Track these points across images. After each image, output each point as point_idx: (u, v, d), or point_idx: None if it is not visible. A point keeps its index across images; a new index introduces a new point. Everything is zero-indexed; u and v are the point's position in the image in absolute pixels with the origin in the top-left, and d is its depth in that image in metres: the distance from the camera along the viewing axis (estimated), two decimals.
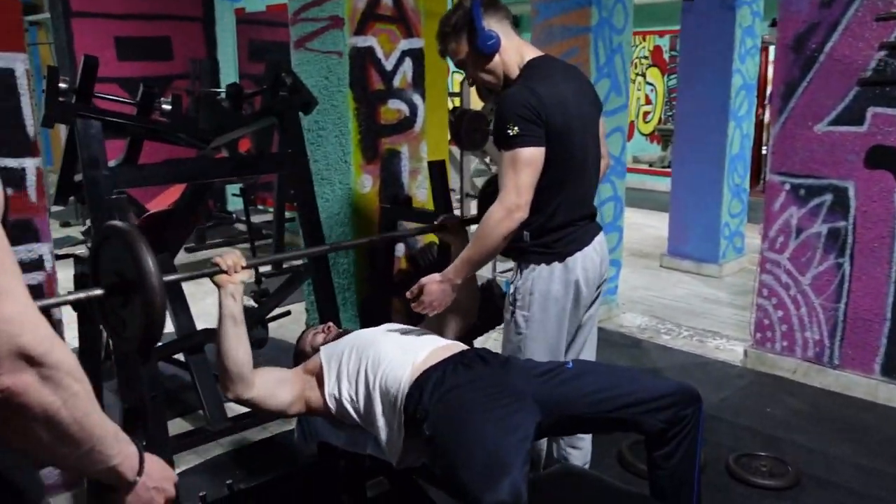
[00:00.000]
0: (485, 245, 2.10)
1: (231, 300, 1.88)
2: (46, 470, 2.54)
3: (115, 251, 1.68)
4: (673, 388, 1.88)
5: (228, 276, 1.89)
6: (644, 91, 11.65)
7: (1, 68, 2.33)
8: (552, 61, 2.26)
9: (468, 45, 2.20)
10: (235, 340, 1.88)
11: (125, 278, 1.64)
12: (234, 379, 1.91)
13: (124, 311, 1.69)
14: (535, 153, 2.07)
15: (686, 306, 5.00)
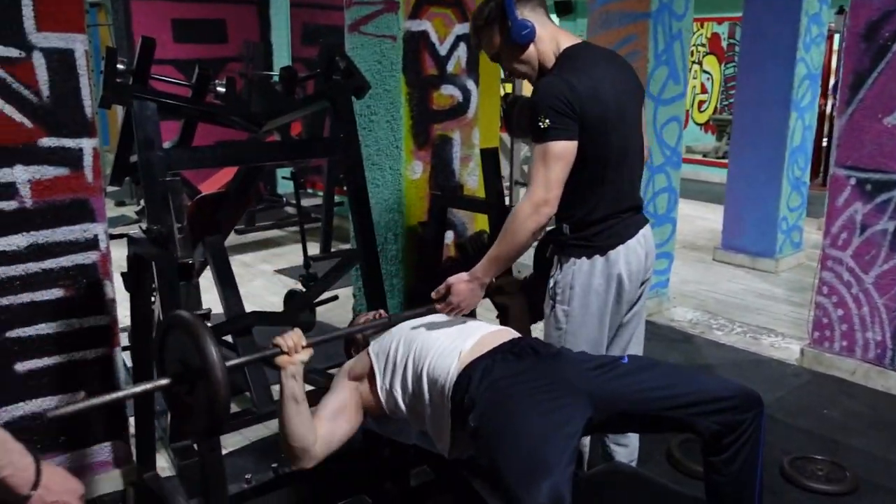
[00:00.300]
0: (512, 242, 2.05)
1: (292, 381, 1.83)
2: (97, 447, 2.59)
3: (179, 341, 1.68)
4: (733, 391, 1.80)
5: (289, 356, 1.84)
6: (700, 79, 11.40)
7: (61, 49, 2.35)
8: (590, 48, 2.18)
9: (502, 36, 2.13)
10: (298, 420, 1.85)
11: (190, 368, 1.65)
12: (299, 455, 1.90)
13: (189, 398, 1.69)
14: (566, 147, 2.00)
15: (740, 301, 4.87)
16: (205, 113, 2.76)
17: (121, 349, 2.62)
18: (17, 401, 2.40)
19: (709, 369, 3.78)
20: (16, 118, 2.29)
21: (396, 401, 2.00)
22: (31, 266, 2.37)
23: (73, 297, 2.46)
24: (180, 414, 1.75)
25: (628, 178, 2.19)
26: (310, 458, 1.92)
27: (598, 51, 2.20)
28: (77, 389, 2.52)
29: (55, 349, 2.45)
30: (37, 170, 2.35)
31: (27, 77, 2.30)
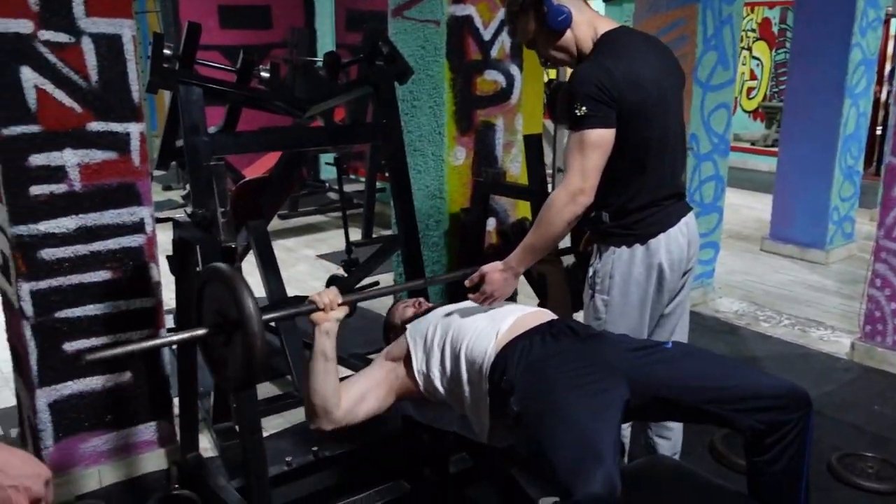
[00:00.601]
0: (547, 231, 2.01)
1: (325, 338, 1.85)
2: (142, 426, 2.64)
3: (217, 292, 1.70)
4: (780, 389, 1.74)
5: (325, 313, 1.86)
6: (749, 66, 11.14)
7: (109, 34, 2.38)
8: (628, 33, 2.12)
9: (537, 22, 2.07)
10: (324, 377, 1.86)
11: (227, 319, 1.66)
12: (318, 413, 1.90)
13: (226, 349, 1.71)
14: (603, 135, 1.96)
15: (788, 293, 4.75)
16: (249, 98, 2.78)
17: (166, 331, 2.66)
18: (66, 380, 2.45)
19: (755, 362, 3.70)
20: (66, 103, 2.33)
21: (434, 383, 1.99)
22: (79, 248, 2.41)
23: (120, 280, 2.50)
24: (216, 365, 1.77)
25: (670, 165, 2.14)
26: (330, 419, 1.91)
27: (637, 35, 2.14)
28: (123, 369, 2.56)
29: (102, 330, 2.49)
30: (85, 154, 2.39)
31: (77, 62, 2.33)
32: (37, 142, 2.30)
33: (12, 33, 2.22)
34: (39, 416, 2.43)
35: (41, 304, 2.37)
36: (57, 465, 2.49)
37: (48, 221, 2.34)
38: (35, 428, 2.45)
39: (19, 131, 2.27)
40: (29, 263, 2.33)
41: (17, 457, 0.99)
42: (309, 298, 1.87)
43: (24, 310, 2.35)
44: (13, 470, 0.96)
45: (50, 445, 2.47)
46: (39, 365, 2.40)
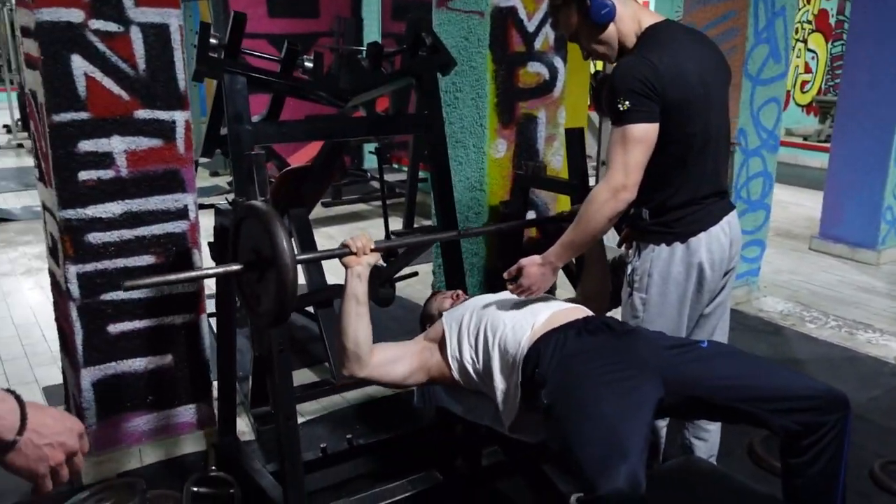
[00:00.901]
0: (588, 227, 1.99)
1: (357, 281, 1.89)
2: (182, 408, 2.70)
3: (253, 229, 1.74)
4: (816, 390, 1.71)
5: (357, 257, 1.90)
6: (804, 58, 10.86)
7: (157, 24, 2.42)
8: (673, 27, 2.08)
9: (580, 15, 2.04)
10: (356, 320, 1.90)
11: (261, 256, 1.70)
12: (350, 357, 1.93)
13: (259, 286, 1.75)
14: (646, 130, 1.93)
15: (835, 294, 4.64)
16: (292, 87, 2.80)
17: (206, 315, 2.71)
18: (109, 360, 2.52)
19: (798, 364, 3.62)
20: (114, 91, 2.38)
21: (467, 370, 2.01)
22: (124, 233, 2.47)
23: (163, 264, 2.55)
24: (249, 301, 1.82)
25: (712, 161, 2.10)
26: (361, 365, 1.95)
27: (681, 29, 2.10)
28: (165, 352, 2.62)
29: (145, 313, 2.55)
30: (132, 141, 2.44)
31: (125, 51, 2.38)
32: (86, 128, 2.36)
33: (64, 22, 2.27)
34: (84, 395, 2.50)
35: (87, 286, 2.44)
36: (99, 443, 2.56)
37: (95, 206, 2.41)
38: (79, 406, 2.53)
39: (69, 118, 2.33)
40: (76, 246, 2.40)
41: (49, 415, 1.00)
42: (343, 242, 1.92)
43: (70, 291, 2.42)
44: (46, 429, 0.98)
45: (93, 424, 2.54)
46: (84, 345, 2.47)
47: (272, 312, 1.72)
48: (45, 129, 2.34)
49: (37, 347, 3.62)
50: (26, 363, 3.48)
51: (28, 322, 3.94)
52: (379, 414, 3.05)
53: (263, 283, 1.73)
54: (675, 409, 1.81)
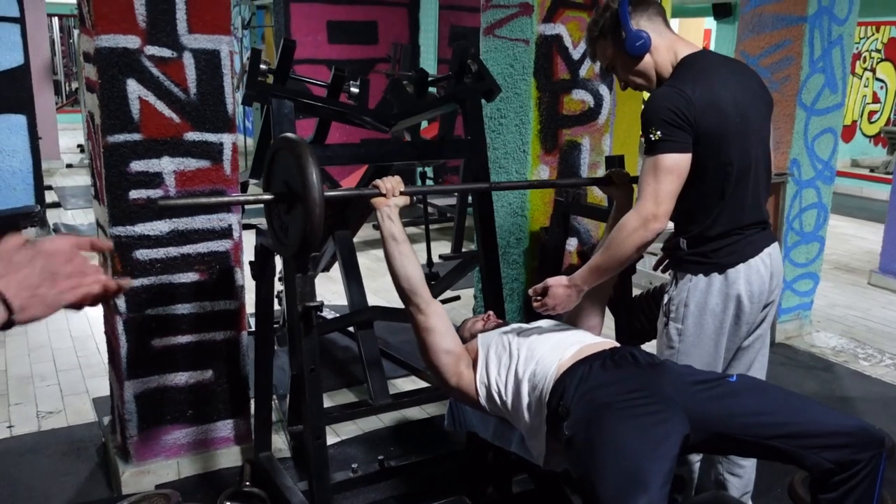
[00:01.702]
0: (616, 254, 1.97)
1: (388, 221, 1.96)
2: (220, 422, 2.76)
3: (285, 162, 1.81)
4: (850, 427, 1.66)
5: (385, 198, 1.96)
6: (872, 88, 10.56)
7: (209, 50, 2.52)
8: (709, 56, 2.06)
9: (616, 47, 2.06)
10: (400, 258, 1.95)
11: (291, 188, 1.78)
12: (408, 293, 1.97)
13: (287, 217, 1.83)
14: (678, 160, 1.91)
15: (893, 331, 4.47)
16: (337, 112, 2.87)
17: (247, 333, 2.77)
18: (152, 374, 2.60)
19: (848, 402, 3.50)
20: (166, 113, 2.49)
21: (494, 399, 2.00)
22: (171, 250, 2.56)
23: (207, 282, 2.63)
24: (277, 232, 1.89)
25: (752, 191, 2.06)
26: (422, 299, 1.97)
27: (717, 59, 2.08)
28: (206, 367, 2.69)
29: (188, 328, 2.63)
30: (181, 161, 2.53)
31: (178, 75, 2.49)
32: (138, 149, 2.46)
33: (121, 48, 2.39)
34: (126, 407, 2.59)
35: (133, 301, 2.53)
36: (140, 454, 2.64)
37: (144, 224, 2.50)
38: (122, 417, 2.61)
39: (122, 139, 2.44)
40: (125, 262, 2.49)
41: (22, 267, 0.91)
42: (373, 183, 1.97)
43: (117, 306, 2.51)
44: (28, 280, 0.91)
45: (134, 435, 2.62)
46: (129, 358, 2.55)
47: (296, 244, 1.79)
48: (100, 150, 2.45)
49: (91, 359, 3.76)
50: (80, 374, 3.62)
51: (84, 335, 4.09)
52: (413, 436, 3.06)
53: (292, 215, 1.80)
54: (703, 445, 1.77)
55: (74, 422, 3.18)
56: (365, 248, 5.88)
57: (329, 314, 4.09)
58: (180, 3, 2.44)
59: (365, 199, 2.05)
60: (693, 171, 1.96)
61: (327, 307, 4.33)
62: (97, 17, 2.33)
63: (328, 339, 4.00)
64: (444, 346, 2.02)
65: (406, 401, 3.15)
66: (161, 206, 1.73)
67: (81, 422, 3.17)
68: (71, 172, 9.29)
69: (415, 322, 2.01)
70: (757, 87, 2.10)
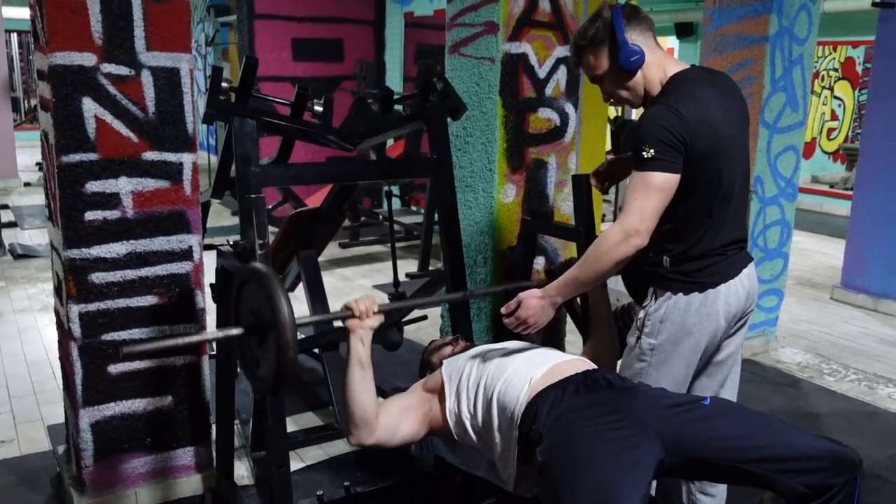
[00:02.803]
0: (594, 267, 1.96)
1: (360, 345, 1.87)
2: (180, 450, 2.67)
3: (254, 293, 1.73)
4: (824, 451, 1.65)
5: (359, 321, 1.88)
6: (830, 106, 10.79)
7: (168, 68, 2.46)
8: (699, 74, 2.06)
9: (608, 60, 2.04)
10: (361, 386, 1.87)
11: (261, 319, 1.69)
12: (357, 424, 1.90)
13: (259, 350, 1.74)
14: (668, 180, 1.91)
15: (857, 346, 4.52)
16: (300, 131, 2.82)
17: (208, 357, 2.70)
18: (109, 401, 2.51)
19: (815, 418, 3.52)
20: (123, 132, 2.42)
21: (464, 426, 1.97)
22: (128, 273, 2.48)
23: (166, 305, 2.56)
24: (249, 365, 1.80)
25: (734, 210, 2.06)
26: (369, 431, 1.91)
27: (707, 76, 2.06)
28: (165, 393, 2.61)
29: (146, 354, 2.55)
30: (139, 182, 2.46)
31: (135, 94, 2.42)
32: (94, 169, 2.39)
33: (77, 66, 2.32)
34: (81, 436, 2.50)
35: (89, 326, 2.44)
36: (96, 485, 2.54)
37: (100, 246, 2.42)
38: (77, 446, 2.52)
39: (78, 159, 2.36)
40: (79, 286, 2.41)
41: None
42: (345, 304, 1.89)
43: (72, 331, 2.42)
44: None
45: (90, 465, 2.53)
46: (84, 385, 2.47)
47: (270, 379, 1.70)
48: (55, 170, 2.37)
49: (46, 385, 3.64)
50: (34, 400, 3.50)
51: (40, 359, 3.96)
52: (380, 461, 3.00)
53: (264, 348, 1.72)
54: (676, 470, 1.75)
55: (28, 451, 3.06)
56: (330, 268, 5.82)
57: None
58: (138, 19, 2.38)
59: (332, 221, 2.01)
60: (682, 189, 1.95)
61: None
62: (51, 34, 2.27)
63: None
64: (408, 436, 2.01)
65: None
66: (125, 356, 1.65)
67: (35, 451, 3.05)
68: (29, 191, 9.08)
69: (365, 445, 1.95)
70: (740, 103, 2.11)
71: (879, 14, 4.98)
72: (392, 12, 7.96)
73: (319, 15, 7.66)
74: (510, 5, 3.02)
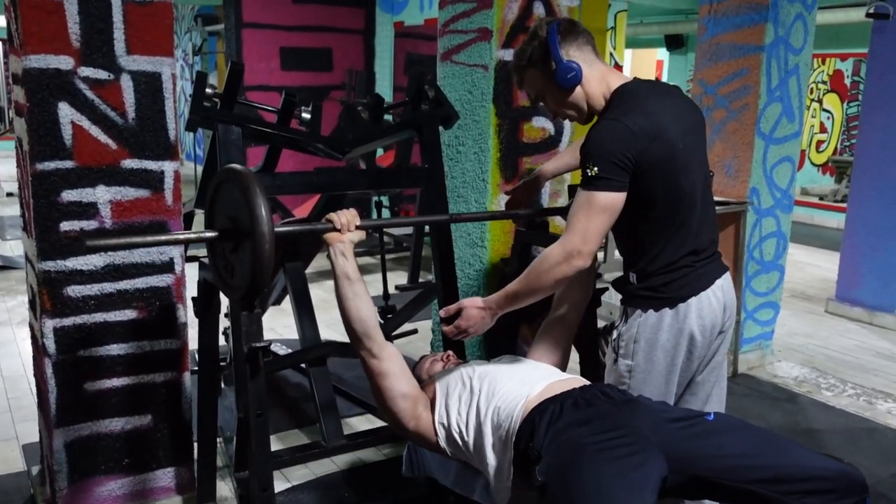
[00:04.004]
0: (534, 284, 1.91)
1: (342, 258, 1.83)
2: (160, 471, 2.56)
3: (231, 195, 1.68)
4: (832, 471, 1.58)
5: (339, 234, 1.83)
6: (819, 118, 10.81)
7: (149, 72, 2.37)
8: (644, 86, 1.99)
9: (545, 78, 1.97)
10: (354, 298, 1.82)
11: (238, 224, 1.65)
12: (360, 337, 1.85)
13: (233, 256, 1.70)
14: (613, 199, 1.84)
15: (853, 360, 4.46)
16: (288, 139, 2.73)
17: (189, 373, 2.59)
18: (85, 420, 2.40)
19: (814, 435, 3.44)
20: (101, 139, 2.32)
21: (455, 440, 1.88)
22: (106, 286, 2.38)
23: (146, 320, 2.45)
24: (223, 273, 1.76)
25: (700, 220, 1.99)
26: (374, 343, 1.85)
27: (652, 87, 2.00)
28: (144, 412, 2.50)
29: (124, 370, 2.44)
30: (118, 191, 2.37)
31: (115, 99, 2.33)
32: (70, 178, 2.29)
33: (52, 69, 2.23)
34: (56, 457, 2.38)
35: (64, 341, 2.34)
36: None
37: (76, 258, 2.32)
38: (51, 468, 2.40)
39: (53, 167, 2.27)
40: (54, 300, 2.31)
41: None
42: (326, 217, 1.84)
43: (46, 347, 2.32)
44: None
45: (65, 487, 2.41)
46: (59, 404, 2.36)
47: (244, 286, 1.65)
48: (29, 178, 2.27)
49: (22, 401, 3.51)
50: (9, 418, 3.37)
51: (16, 374, 3.84)
52: (369, 481, 2.90)
53: (238, 254, 1.66)
54: (678, 489, 1.66)
55: (1, 471, 2.93)
56: (318, 279, 5.70)
57: (280, 349, 3.91)
58: (118, 21, 2.29)
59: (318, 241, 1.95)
60: (640, 203, 1.90)
61: (278, 342, 4.15)
62: (26, 36, 2.17)
63: (279, 377, 3.82)
64: (401, 390, 1.89)
65: (361, 441, 2.97)
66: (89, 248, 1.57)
67: (9, 471, 2.92)
68: (11, 201, 8.92)
69: (367, 367, 1.88)
70: (691, 110, 2.05)
71: (873, 25, 4.95)
72: (382, 22, 7.89)
73: (308, 24, 7.59)
74: (504, 11, 2.95)
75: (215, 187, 1.76)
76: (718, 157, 4.10)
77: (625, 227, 1.97)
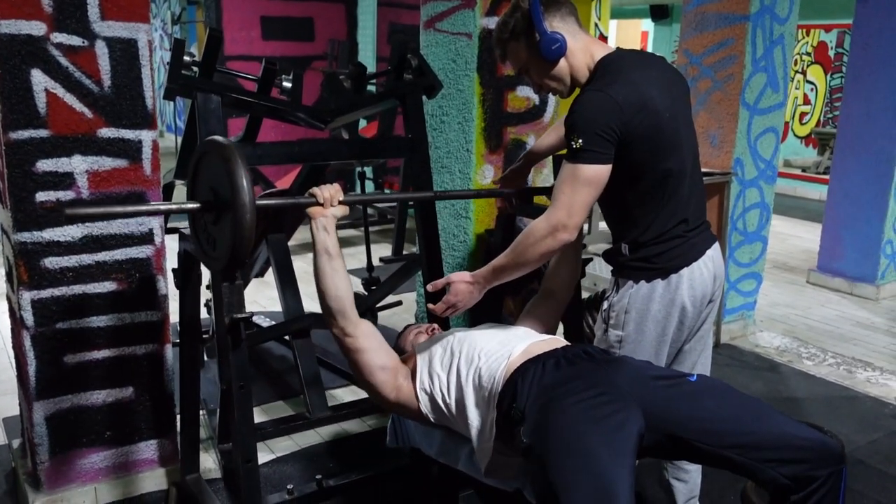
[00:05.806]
0: (520, 259, 1.90)
1: (324, 233, 1.82)
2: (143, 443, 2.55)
3: (213, 167, 1.67)
4: (810, 441, 1.58)
5: (322, 208, 1.82)
6: (803, 90, 10.82)
7: (124, 38, 2.31)
8: (628, 56, 1.96)
9: (529, 50, 1.94)
10: (332, 274, 1.81)
11: (219, 196, 1.65)
12: (335, 314, 1.83)
13: (215, 228, 1.70)
14: (598, 172, 1.82)
15: (834, 329, 4.50)
16: (268, 108, 2.69)
17: (171, 345, 2.57)
18: (65, 393, 2.38)
19: (795, 403, 3.48)
20: (76, 107, 2.27)
21: (438, 404, 1.87)
22: (84, 258, 2.34)
23: (126, 291, 2.42)
24: (203, 245, 1.78)
25: (690, 190, 1.99)
26: (347, 320, 1.84)
27: (637, 57, 1.98)
28: (126, 384, 2.48)
29: (105, 343, 2.41)
30: (95, 160, 2.32)
31: (89, 66, 2.27)
32: (45, 147, 2.24)
33: (24, 35, 2.16)
34: (36, 430, 2.36)
35: (42, 314, 2.30)
36: (52, 481, 2.41)
37: (53, 229, 2.28)
38: (32, 441, 2.38)
39: (27, 136, 2.21)
40: (31, 272, 2.27)
41: None
42: (309, 191, 1.84)
43: (24, 319, 2.28)
44: None
45: (46, 460, 2.39)
46: (38, 377, 2.33)
47: (225, 257, 1.66)
48: (2, 147, 2.22)
49: (1, 375, 3.48)
50: None
51: None
52: (353, 452, 2.90)
53: (220, 226, 1.66)
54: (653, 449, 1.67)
55: None
56: (301, 252, 5.67)
57: (264, 322, 3.89)
58: None
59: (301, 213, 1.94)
60: (630, 174, 1.89)
61: (262, 314, 4.13)
62: None
63: (262, 349, 3.80)
64: (379, 363, 1.88)
65: (346, 413, 2.99)
66: (68, 217, 1.54)
67: None
68: None
69: (342, 344, 1.87)
70: (677, 80, 2.03)
71: None
72: None
73: None
74: None
75: (198, 158, 1.75)
76: (703, 128, 4.09)
77: (613, 198, 1.96)
